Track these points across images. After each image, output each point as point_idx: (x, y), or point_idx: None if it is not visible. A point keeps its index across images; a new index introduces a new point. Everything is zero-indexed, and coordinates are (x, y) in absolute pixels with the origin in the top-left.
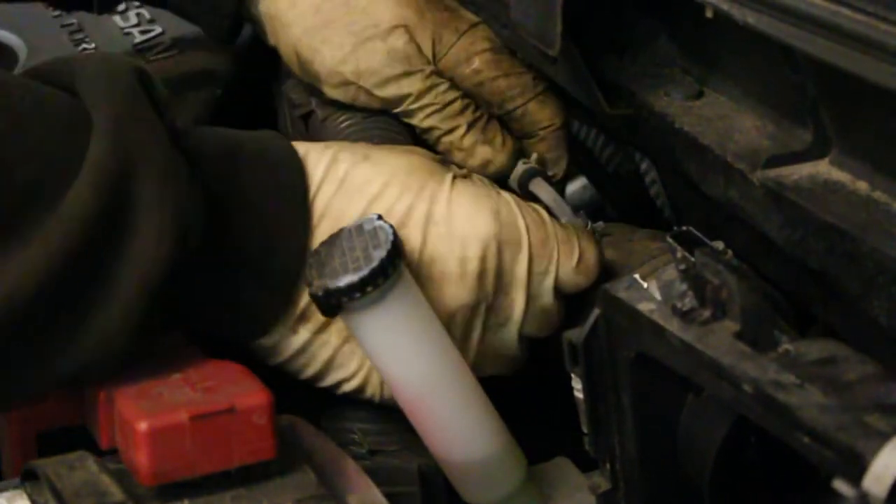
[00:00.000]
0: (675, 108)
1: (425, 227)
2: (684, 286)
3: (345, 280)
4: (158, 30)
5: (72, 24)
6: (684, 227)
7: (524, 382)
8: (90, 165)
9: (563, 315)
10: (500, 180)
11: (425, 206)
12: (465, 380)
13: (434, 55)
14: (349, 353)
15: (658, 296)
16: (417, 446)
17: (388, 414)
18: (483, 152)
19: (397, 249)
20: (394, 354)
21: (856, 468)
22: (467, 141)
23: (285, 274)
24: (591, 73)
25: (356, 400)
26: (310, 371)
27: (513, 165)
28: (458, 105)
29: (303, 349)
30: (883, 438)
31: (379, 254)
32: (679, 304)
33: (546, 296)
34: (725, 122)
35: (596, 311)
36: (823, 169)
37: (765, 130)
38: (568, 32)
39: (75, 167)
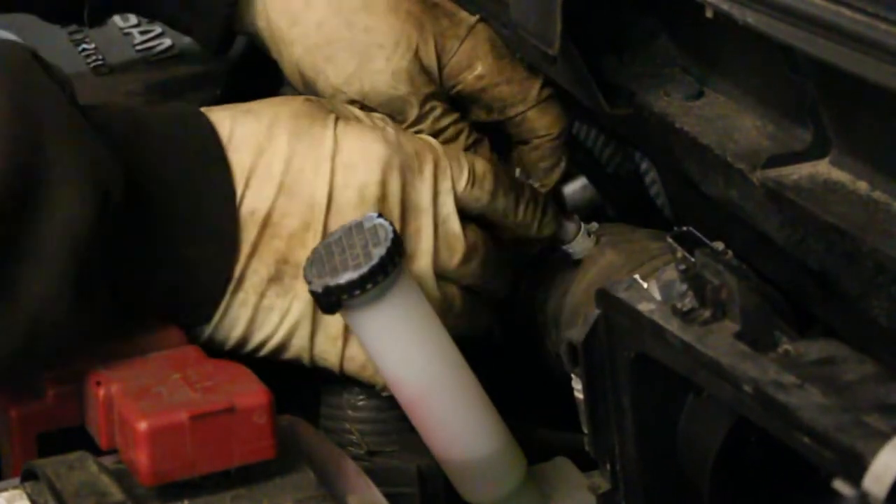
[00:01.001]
0: (675, 108)
1: (317, 166)
2: (684, 286)
3: (345, 277)
4: (158, 30)
5: (72, 25)
6: (684, 228)
7: (524, 381)
8: None
9: (472, 242)
10: None
11: (315, 148)
12: (465, 379)
13: (438, 67)
14: (268, 309)
15: (658, 296)
16: (416, 447)
17: (387, 414)
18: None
19: (397, 247)
20: (393, 352)
21: (856, 468)
22: None
23: (212, 232)
24: (591, 72)
25: (357, 401)
26: (234, 336)
27: None
28: (450, 132)
29: (225, 312)
30: (883, 438)
31: (379, 251)
32: (679, 305)
33: (451, 220)
34: (725, 122)
35: (596, 312)
36: (823, 169)
37: (765, 130)
38: (568, 32)
39: None
